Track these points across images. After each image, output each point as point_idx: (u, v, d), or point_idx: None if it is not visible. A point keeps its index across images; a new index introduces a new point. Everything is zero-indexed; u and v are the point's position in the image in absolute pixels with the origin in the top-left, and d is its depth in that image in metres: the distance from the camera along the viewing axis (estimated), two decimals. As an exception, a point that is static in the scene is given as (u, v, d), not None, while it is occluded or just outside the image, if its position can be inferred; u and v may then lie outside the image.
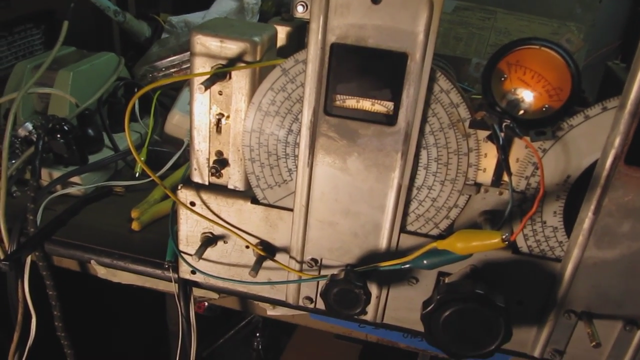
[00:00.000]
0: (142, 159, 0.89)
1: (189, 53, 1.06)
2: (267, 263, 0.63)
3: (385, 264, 0.57)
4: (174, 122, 0.97)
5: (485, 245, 0.51)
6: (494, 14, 1.01)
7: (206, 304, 1.08)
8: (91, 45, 1.07)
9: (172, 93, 1.05)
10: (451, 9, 1.02)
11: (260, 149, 0.58)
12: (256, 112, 0.57)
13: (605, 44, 0.97)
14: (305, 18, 0.86)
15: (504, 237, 0.50)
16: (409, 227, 0.59)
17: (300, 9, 0.95)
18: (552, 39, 0.53)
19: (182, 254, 0.66)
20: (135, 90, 1.03)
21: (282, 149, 0.58)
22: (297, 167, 0.58)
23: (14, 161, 0.84)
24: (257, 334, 1.41)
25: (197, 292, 0.73)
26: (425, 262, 0.55)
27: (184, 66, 1.06)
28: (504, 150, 0.52)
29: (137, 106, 1.02)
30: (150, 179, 0.86)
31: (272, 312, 0.76)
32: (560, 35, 0.97)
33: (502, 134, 0.51)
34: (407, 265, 0.56)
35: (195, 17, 1.21)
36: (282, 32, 0.65)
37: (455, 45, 1.03)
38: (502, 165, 0.53)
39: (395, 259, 0.57)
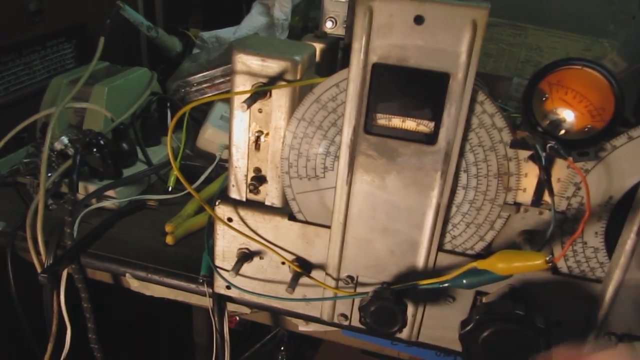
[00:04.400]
0: (175, 173, 0.90)
1: (221, 69, 1.08)
2: (303, 279, 0.64)
3: (425, 282, 0.57)
4: (206, 137, 0.98)
5: (527, 266, 0.51)
6: (525, 30, 1.01)
7: (237, 318, 1.08)
8: (120, 60, 1.09)
9: (204, 108, 1.06)
10: (482, 26, 1.02)
11: (303, 140, 0.58)
12: (313, 103, 0.57)
13: (638, 60, 0.96)
14: (334, 34, 0.86)
15: (547, 258, 0.49)
16: (447, 246, 0.59)
17: (329, 24, 0.96)
18: (584, 56, 0.53)
19: (219, 270, 0.67)
20: (168, 104, 1.04)
21: (325, 145, 0.58)
22: (335, 182, 0.58)
23: (50, 174, 0.85)
24: (282, 348, 1.41)
25: (229, 306, 0.74)
26: (464, 281, 0.55)
27: (217, 81, 1.07)
28: (546, 171, 0.52)
29: (169, 121, 1.03)
30: (183, 193, 0.87)
31: (304, 327, 0.76)
32: (592, 51, 0.97)
33: (544, 154, 0.51)
34: (446, 284, 0.56)
35: (226, 33, 1.22)
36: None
37: (485, 61, 1.03)
38: (544, 186, 0.53)
39: (433, 277, 0.57)
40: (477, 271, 0.54)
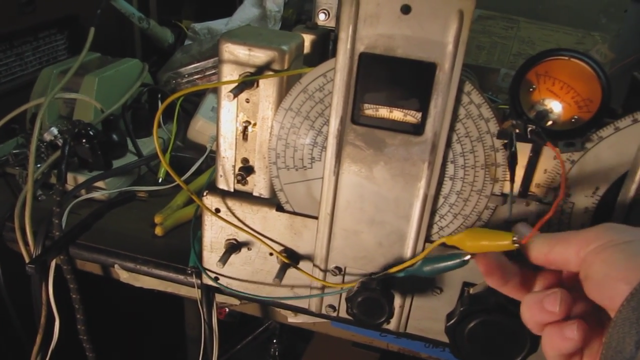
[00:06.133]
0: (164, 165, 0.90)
1: (212, 60, 1.08)
2: (290, 271, 0.64)
3: (395, 270, 0.57)
4: (197, 128, 0.98)
5: (495, 245, 0.49)
6: (517, 23, 1.01)
7: (227, 309, 1.08)
8: (113, 51, 1.08)
9: (195, 99, 1.06)
10: (474, 18, 1.01)
11: (290, 130, 0.58)
12: (300, 93, 0.56)
13: (630, 53, 0.96)
14: (327, 26, 0.86)
15: (514, 238, 0.48)
16: (434, 237, 0.59)
17: (322, 16, 0.95)
18: (576, 49, 0.52)
19: (205, 269, 0.67)
20: (159, 96, 1.04)
21: (312, 136, 0.57)
22: (322, 173, 0.58)
23: (39, 165, 0.85)
24: (274, 341, 1.41)
25: (218, 297, 0.74)
26: (424, 269, 0.55)
27: (208, 73, 1.07)
28: (513, 157, 0.51)
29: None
30: (173, 184, 0.87)
31: (293, 319, 0.76)
32: (584, 44, 0.97)
33: (523, 144, 0.51)
34: (401, 275, 0.56)
35: (218, 24, 1.21)
36: (306, 40, 0.65)
37: (478, 54, 1.03)
38: (509, 170, 0.53)
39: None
40: (437, 258, 0.53)
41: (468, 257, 0.50)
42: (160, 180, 0.90)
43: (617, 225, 0.42)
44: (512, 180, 0.52)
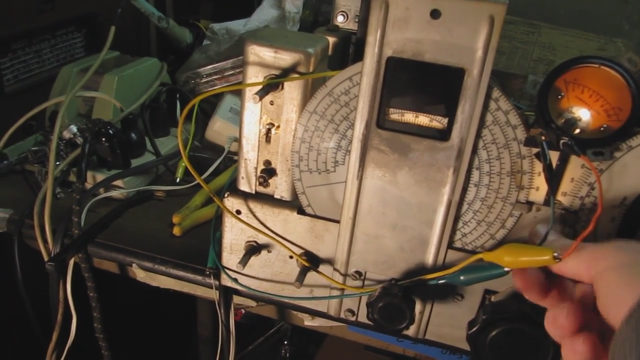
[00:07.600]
0: (184, 164, 0.90)
1: (231, 61, 1.08)
2: (310, 274, 0.63)
3: (430, 276, 0.56)
4: (215, 129, 0.98)
5: (534, 261, 0.49)
6: (538, 28, 1.00)
7: (243, 311, 1.08)
8: (129, 50, 1.09)
9: (213, 100, 1.06)
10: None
11: (314, 133, 0.57)
12: (326, 96, 0.56)
13: (652, 61, 0.95)
14: (345, 28, 0.86)
15: (555, 254, 0.48)
16: (457, 244, 0.58)
17: (340, 18, 0.95)
18: (599, 55, 0.52)
19: (225, 269, 0.67)
20: (177, 96, 1.04)
21: (337, 139, 0.57)
22: (346, 177, 0.58)
23: (58, 163, 0.85)
24: (286, 342, 1.41)
25: (235, 299, 0.73)
26: (462, 278, 0.54)
27: (226, 73, 1.07)
28: (549, 169, 0.51)
29: (178, 112, 1.03)
30: (192, 184, 0.87)
31: (309, 322, 0.76)
32: (607, 51, 0.96)
33: (550, 152, 0.51)
34: (443, 281, 0.55)
35: (237, 25, 1.21)
36: (327, 43, 0.65)
37: (498, 58, 1.02)
38: (547, 183, 0.52)
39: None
40: (475, 267, 0.53)
41: (508, 268, 0.50)
42: (178, 180, 0.90)
43: (626, 244, 0.43)
44: (552, 194, 0.51)
